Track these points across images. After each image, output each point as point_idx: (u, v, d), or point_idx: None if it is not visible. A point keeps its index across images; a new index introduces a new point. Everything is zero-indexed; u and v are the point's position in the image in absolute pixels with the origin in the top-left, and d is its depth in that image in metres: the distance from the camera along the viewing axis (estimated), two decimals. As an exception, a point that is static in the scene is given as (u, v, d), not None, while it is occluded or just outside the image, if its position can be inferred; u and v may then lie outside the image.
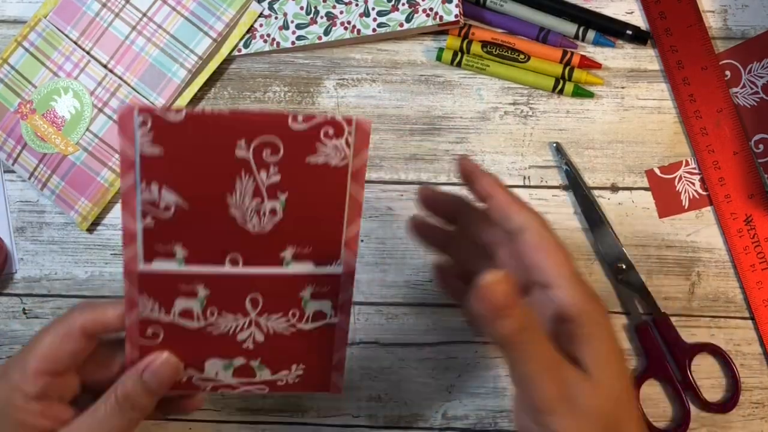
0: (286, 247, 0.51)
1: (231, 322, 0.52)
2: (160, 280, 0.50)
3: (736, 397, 0.63)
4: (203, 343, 0.52)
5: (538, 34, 0.65)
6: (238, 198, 0.50)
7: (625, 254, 0.64)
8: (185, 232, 0.50)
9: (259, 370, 0.54)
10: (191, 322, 0.51)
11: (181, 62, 0.64)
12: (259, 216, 0.50)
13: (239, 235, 0.50)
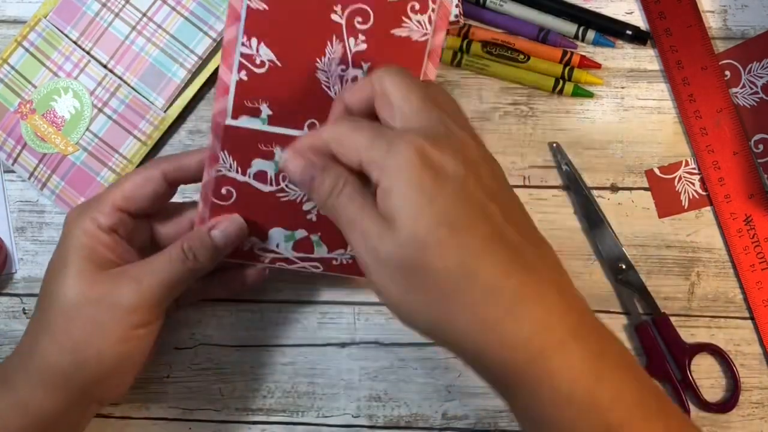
0: None
1: (300, 191, 0.56)
2: (243, 136, 0.55)
3: (736, 397, 0.63)
4: (271, 210, 0.56)
5: (538, 34, 0.65)
6: (326, 62, 0.53)
7: (625, 254, 0.64)
8: (273, 91, 0.54)
9: (317, 246, 0.57)
10: (264, 186, 0.56)
11: (181, 62, 0.64)
12: (341, 83, 0.54)
13: (321, 100, 0.54)
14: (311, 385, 0.65)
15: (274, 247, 0.58)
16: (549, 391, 0.42)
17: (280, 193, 0.56)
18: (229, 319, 0.65)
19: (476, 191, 0.44)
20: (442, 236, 0.43)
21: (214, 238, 0.55)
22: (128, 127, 0.65)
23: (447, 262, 0.43)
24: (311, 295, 0.65)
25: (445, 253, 0.43)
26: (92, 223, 0.54)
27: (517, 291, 0.43)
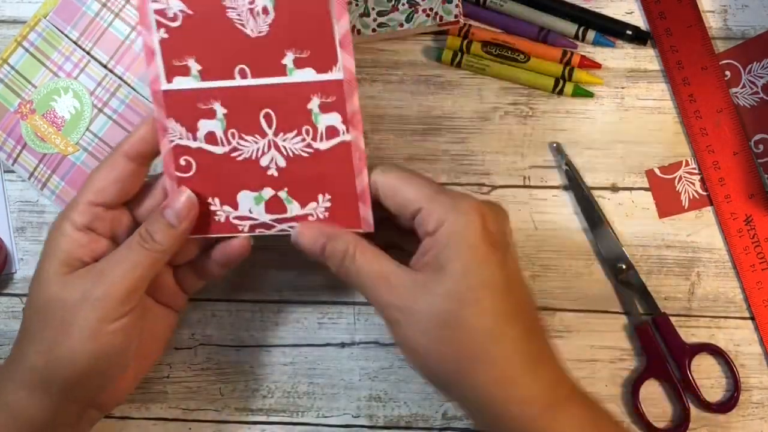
0: (285, 53, 0.54)
1: (252, 146, 0.55)
2: (182, 98, 0.55)
3: (736, 397, 0.63)
4: (231, 173, 0.56)
5: (538, 34, 0.65)
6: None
7: (625, 254, 0.64)
8: (195, 44, 0.54)
9: (288, 203, 0.56)
10: (216, 147, 0.56)
11: None
12: (253, 16, 0.53)
13: (241, 42, 0.54)
14: (311, 385, 0.65)
15: (247, 212, 0.57)
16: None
17: (234, 152, 0.56)
18: (229, 319, 0.65)
19: (512, 264, 0.50)
20: (482, 297, 0.47)
21: (166, 216, 0.54)
22: (128, 127, 0.64)
23: (482, 322, 0.47)
24: (311, 295, 0.65)
25: (482, 312, 0.47)
26: (69, 224, 0.53)
27: (535, 353, 0.49)
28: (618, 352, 0.64)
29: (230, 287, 0.65)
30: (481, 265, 0.47)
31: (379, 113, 0.66)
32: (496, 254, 0.48)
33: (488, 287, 0.48)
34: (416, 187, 0.50)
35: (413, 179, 0.51)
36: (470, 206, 0.49)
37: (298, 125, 0.55)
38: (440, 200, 0.49)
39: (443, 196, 0.49)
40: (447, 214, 0.48)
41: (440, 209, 0.49)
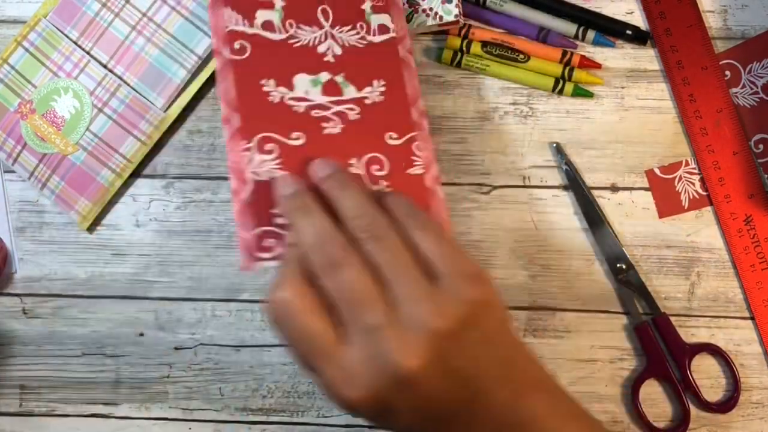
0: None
1: (309, 35, 0.57)
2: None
3: (736, 397, 0.63)
4: (288, 57, 0.57)
5: (538, 34, 0.65)
6: None
7: (625, 254, 0.64)
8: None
9: (344, 87, 0.57)
10: (273, 34, 0.57)
11: (181, 62, 0.64)
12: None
13: None
14: (311, 385, 0.65)
15: (303, 94, 0.57)
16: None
17: (291, 39, 0.58)
18: (229, 319, 0.65)
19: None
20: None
21: None
22: (128, 127, 0.65)
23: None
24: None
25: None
26: None
27: (542, 376, 0.48)
28: (618, 352, 0.64)
29: (230, 287, 0.65)
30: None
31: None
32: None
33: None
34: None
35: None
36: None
37: (352, 21, 0.58)
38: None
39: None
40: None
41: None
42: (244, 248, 0.54)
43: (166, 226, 0.66)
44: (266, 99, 0.56)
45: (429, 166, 0.57)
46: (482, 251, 0.65)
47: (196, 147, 0.66)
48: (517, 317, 0.65)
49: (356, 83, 0.58)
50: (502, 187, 0.65)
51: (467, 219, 0.65)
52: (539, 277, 0.65)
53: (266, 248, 0.54)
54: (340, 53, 0.58)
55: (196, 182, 0.66)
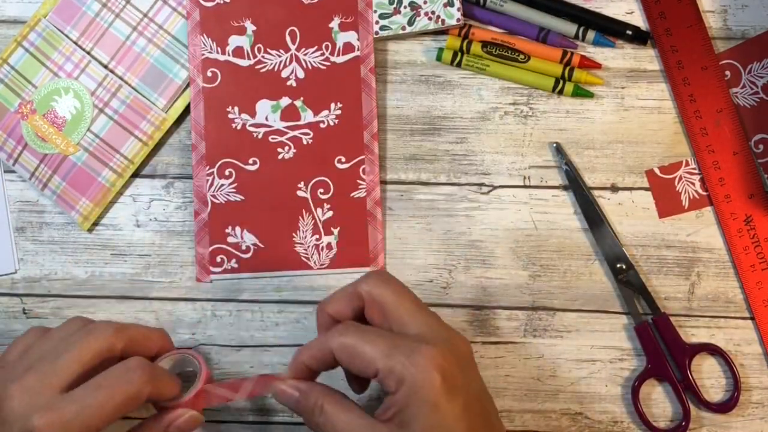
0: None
1: (275, 59, 0.62)
2: (216, 15, 0.62)
3: (736, 397, 0.62)
4: (253, 83, 0.62)
5: (538, 34, 0.65)
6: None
7: (625, 254, 0.64)
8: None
9: (302, 111, 0.63)
10: (243, 60, 0.62)
11: (182, 63, 0.64)
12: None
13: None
14: None
15: (263, 120, 0.63)
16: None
17: (258, 65, 0.63)
18: (229, 319, 0.65)
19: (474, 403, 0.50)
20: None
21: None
22: (129, 127, 0.64)
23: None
24: (311, 295, 0.65)
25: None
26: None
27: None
28: (618, 352, 0.64)
29: (230, 287, 0.65)
30: (442, 421, 0.48)
31: (379, 113, 0.65)
32: (457, 403, 0.48)
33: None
34: (372, 344, 0.49)
35: (368, 335, 0.50)
36: (427, 359, 0.48)
37: (318, 41, 0.62)
38: (396, 357, 0.48)
39: (398, 352, 0.49)
40: (405, 372, 0.48)
41: (398, 367, 0.48)
42: (200, 262, 0.63)
43: (166, 226, 0.66)
44: (230, 126, 0.63)
45: (372, 190, 0.63)
46: (482, 251, 0.65)
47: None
48: (517, 317, 0.64)
49: (314, 107, 0.63)
50: (502, 187, 0.65)
51: (467, 219, 0.65)
52: (539, 277, 0.64)
53: (218, 263, 0.63)
54: (302, 77, 0.62)
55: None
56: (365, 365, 0.49)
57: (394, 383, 0.48)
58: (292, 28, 0.62)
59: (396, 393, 0.48)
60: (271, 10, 0.63)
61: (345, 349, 0.50)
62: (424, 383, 0.48)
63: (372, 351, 0.49)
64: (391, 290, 0.53)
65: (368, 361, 0.49)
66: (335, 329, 0.52)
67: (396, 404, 0.48)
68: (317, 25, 0.62)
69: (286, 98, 0.62)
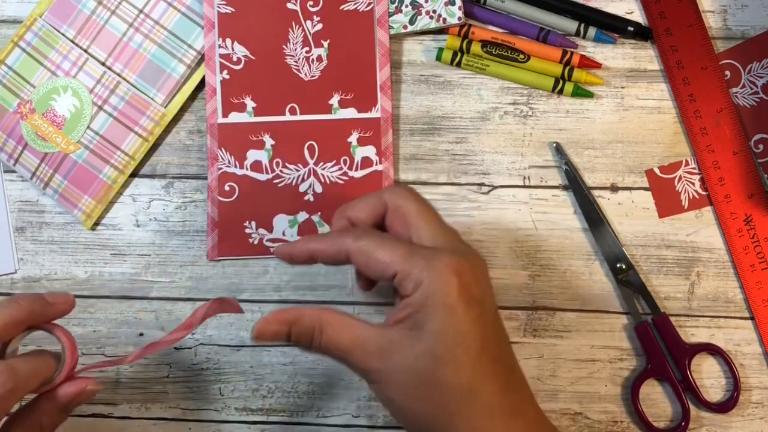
0: (332, 95, 0.62)
1: (293, 173, 0.63)
2: (235, 131, 0.63)
3: (736, 397, 0.62)
4: (271, 197, 0.63)
5: (539, 33, 0.64)
6: (291, 46, 0.62)
7: (625, 254, 0.63)
8: (253, 84, 0.63)
9: (320, 226, 0.63)
10: (261, 175, 0.63)
11: (179, 58, 0.63)
12: (308, 63, 0.62)
13: (295, 83, 0.63)
14: (311, 385, 0.64)
15: (280, 235, 0.63)
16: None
17: (276, 179, 0.63)
18: (229, 319, 0.64)
19: (489, 316, 0.49)
20: (458, 355, 0.47)
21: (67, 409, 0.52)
22: (129, 123, 0.64)
23: (458, 379, 0.48)
24: (311, 295, 0.64)
25: (457, 369, 0.48)
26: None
27: (510, 406, 0.49)
28: (618, 352, 0.63)
29: (230, 287, 0.65)
30: (457, 324, 0.47)
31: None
32: (472, 311, 0.48)
33: (464, 345, 0.47)
34: (390, 249, 0.49)
35: (386, 241, 0.50)
36: (446, 265, 0.48)
37: (337, 156, 0.62)
38: (415, 261, 0.48)
39: (418, 257, 0.48)
40: (423, 275, 0.47)
41: (416, 270, 0.48)
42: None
43: (166, 226, 0.65)
44: (247, 241, 0.63)
45: None
46: (482, 251, 0.64)
47: (196, 147, 0.65)
48: (517, 317, 0.63)
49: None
50: (502, 187, 0.64)
51: (467, 219, 0.64)
52: (539, 277, 0.64)
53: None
54: (320, 191, 0.63)
55: (196, 182, 0.65)
56: (382, 268, 0.49)
57: (411, 285, 0.48)
58: (310, 143, 0.62)
59: (412, 295, 0.48)
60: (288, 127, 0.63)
61: (362, 253, 0.50)
62: (441, 286, 0.47)
63: (391, 255, 0.49)
64: (415, 201, 0.52)
65: (386, 264, 0.49)
66: (352, 232, 0.51)
67: (411, 306, 0.48)
68: (336, 139, 0.62)
69: (304, 213, 0.63)
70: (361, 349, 0.49)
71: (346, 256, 0.51)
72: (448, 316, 0.47)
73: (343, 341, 0.49)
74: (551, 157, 0.64)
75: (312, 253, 0.52)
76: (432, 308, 0.47)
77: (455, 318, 0.47)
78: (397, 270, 0.49)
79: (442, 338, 0.47)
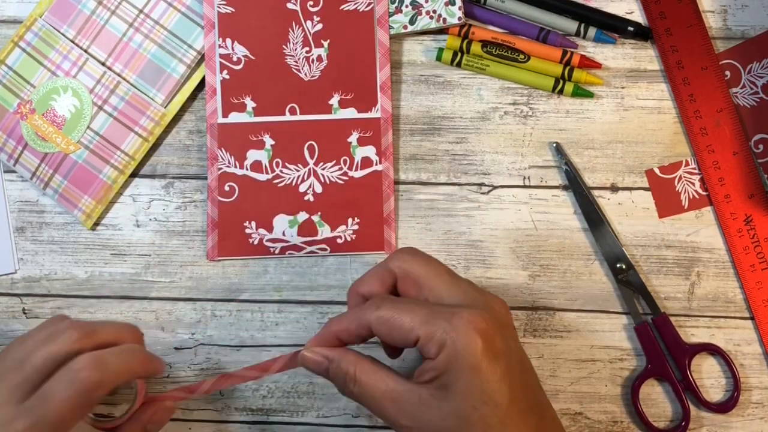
0: (332, 95, 0.62)
1: (293, 173, 0.62)
2: (235, 131, 0.63)
3: (736, 397, 0.62)
4: (271, 197, 0.62)
5: (539, 34, 0.64)
6: (291, 46, 0.62)
7: (625, 254, 0.63)
8: (253, 84, 0.62)
9: (320, 226, 0.63)
10: (260, 175, 0.62)
11: (179, 57, 0.63)
12: (308, 63, 0.62)
13: (295, 83, 0.62)
14: (311, 385, 0.64)
15: (280, 235, 0.63)
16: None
17: (276, 179, 0.62)
18: (229, 319, 0.64)
19: (515, 366, 0.49)
20: (486, 414, 0.47)
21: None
22: (129, 123, 0.64)
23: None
24: (311, 295, 0.64)
25: (486, 428, 0.48)
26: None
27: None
28: (618, 352, 0.63)
29: (230, 287, 0.65)
30: (483, 384, 0.47)
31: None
32: (498, 367, 0.48)
33: (491, 404, 0.47)
34: (410, 314, 0.49)
35: (405, 306, 0.50)
36: (467, 323, 0.47)
37: (337, 156, 0.62)
38: (436, 323, 0.48)
39: (438, 318, 0.48)
40: (445, 337, 0.47)
41: (438, 332, 0.48)
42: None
43: (166, 226, 0.65)
44: (247, 241, 0.63)
45: None
46: (482, 251, 0.64)
47: (196, 147, 0.65)
48: (517, 317, 0.63)
49: (331, 222, 0.63)
50: (502, 187, 0.64)
51: (467, 219, 0.64)
52: (539, 277, 0.64)
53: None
54: (320, 191, 0.62)
55: (196, 182, 0.65)
56: (404, 334, 0.49)
57: (435, 348, 0.48)
58: (310, 143, 0.62)
59: (436, 358, 0.48)
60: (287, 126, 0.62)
61: (383, 322, 0.50)
62: (465, 347, 0.47)
63: (411, 320, 0.49)
64: (423, 262, 0.52)
65: (407, 330, 0.49)
66: (370, 303, 0.51)
67: (436, 368, 0.48)
68: (336, 139, 0.62)
69: (304, 213, 0.62)
70: (392, 404, 0.49)
71: (368, 329, 0.51)
72: (474, 377, 0.47)
73: (376, 393, 0.50)
74: (551, 157, 0.64)
75: (337, 335, 0.52)
76: (457, 371, 0.48)
77: (480, 377, 0.47)
78: (419, 335, 0.49)
79: (468, 399, 0.47)
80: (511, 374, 0.48)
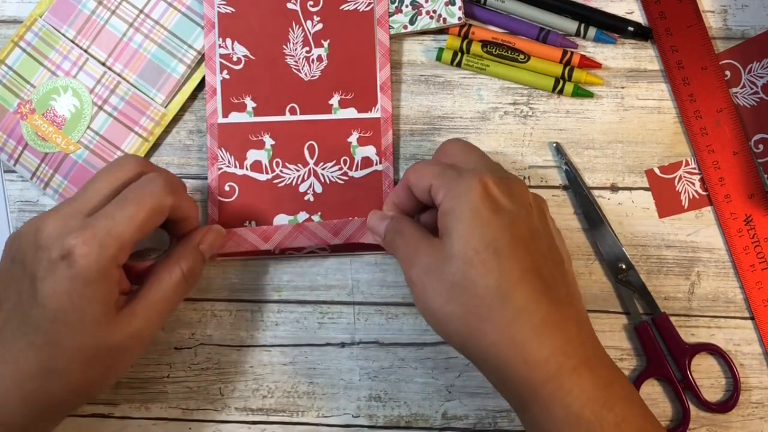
0: (332, 95, 0.62)
1: (293, 173, 0.62)
2: (235, 131, 0.63)
3: (736, 397, 0.62)
4: (271, 198, 0.62)
5: (539, 34, 0.64)
6: (291, 46, 0.62)
7: (625, 254, 0.63)
8: (253, 84, 0.62)
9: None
10: (261, 175, 0.62)
11: (179, 58, 0.63)
12: (309, 63, 0.63)
13: (295, 83, 0.63)
14: (311, 385, 0.64)
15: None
16: (560, 409, 0.48)
17: (276, 179, 0.62)
18: (229, 319, 0.64)
19: (524, 229, 0.50)
20: (486, 258, 0.49)
21: (204, 253, 0.57)
22: (129, 123, 0.64)
23: (487, 281, 0.49)
24: (311, 295, 0.64)
25: (487, 273, 0.49)
26: (114, 265, 0.51)
27: (543, 317, 0.49)
28: (618, 352, 0.63)
29: (230, 287, 0.65)
30: (484, 227, 0.49)
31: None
32: (500, 218, 0.49)
33: (492, 249, 0.49)
34: (431, 167, 0.53)
35: (431, 162, 0.55)
36: (472, 174, 0.50)
37: (337, 156, 0.62)
38: (448, 174, 0.51)
39: (451, 170, 0.52)
40: (451, 183, 0.50)
41: (446, 180, 0.51)
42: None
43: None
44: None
45: None
46: None
47: (196, 147, 0.65)
48: None
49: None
50: None
51: None
52: None
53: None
54: (320, 191, 0.62)
55: (196, 182, 0.65)
56: (424, 181, 0.53)
57: (441, 193, 0.51)
58: (310, 143, 0.62)
59: (442, 204, 0.51)
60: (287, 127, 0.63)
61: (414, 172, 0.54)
62: (466, 190, 0.50)
63: (431, 171, 0.53)
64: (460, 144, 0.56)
65: (426, 176, 0.53)
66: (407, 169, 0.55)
67: (442, 211, 0.51)
68: (336, 139, 0.62)
69: (304, 213, 0.62)
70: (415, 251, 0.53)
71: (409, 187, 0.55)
72: (474, 219, 0.49)
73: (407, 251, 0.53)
74: (551, 157, 0.64)
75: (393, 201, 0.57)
76: (458, 211, 0.50)
77: (481, 221, 0.49)
78: (431, 182, 0.52)
79: (470, 240, 0.49)
80: (517, 233, 0.50)
